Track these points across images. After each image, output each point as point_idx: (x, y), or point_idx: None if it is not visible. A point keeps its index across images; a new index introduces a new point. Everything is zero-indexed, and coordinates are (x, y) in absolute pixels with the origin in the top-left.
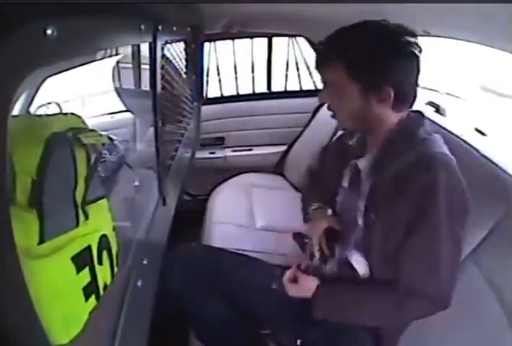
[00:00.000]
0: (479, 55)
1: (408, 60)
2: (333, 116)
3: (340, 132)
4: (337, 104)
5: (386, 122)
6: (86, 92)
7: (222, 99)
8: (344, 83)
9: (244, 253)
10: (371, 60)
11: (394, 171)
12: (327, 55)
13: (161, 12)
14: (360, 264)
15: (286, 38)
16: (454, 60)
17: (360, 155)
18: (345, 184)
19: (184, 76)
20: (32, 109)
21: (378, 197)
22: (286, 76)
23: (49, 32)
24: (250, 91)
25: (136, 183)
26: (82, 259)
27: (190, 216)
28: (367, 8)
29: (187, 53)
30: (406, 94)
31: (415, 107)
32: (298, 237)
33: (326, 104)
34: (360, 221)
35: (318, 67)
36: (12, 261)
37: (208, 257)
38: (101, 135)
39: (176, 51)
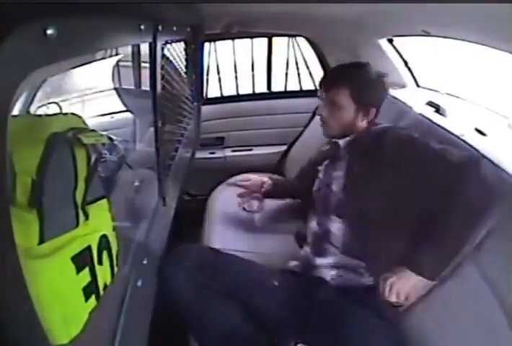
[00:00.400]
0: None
1: (383, 89)
2: (325, 129)
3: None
4: (333, 117)
5: (362, 129)
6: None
7: (222, 99)
8: (345, 103)
9: (244, 253)
10: (368, 88)
11: (367, 143)
12: (336, 80)
13: (161, 12)
14: (338, 229)
15: (286, 38)
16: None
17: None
18: (325, 163)
19: (184, 76)
20: (32, 109)
21: (356, 166)
22: (286, 76)
23: (49, 32)
24: (250, 91)
25: (136, 183)
26: (82, 259)
27: (190, 216)
28: (367, 8)
29: (187, 53)
30: (376, 116)
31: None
32: (299, 236)
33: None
34: (339, 190)
35: (326, 89)
36: (12, 261)
37: (207, 258)
38: (101, 135)
39: (176, 51)
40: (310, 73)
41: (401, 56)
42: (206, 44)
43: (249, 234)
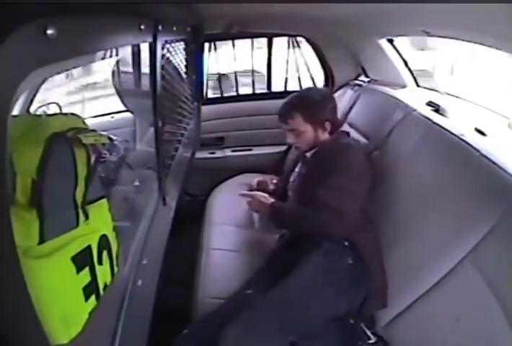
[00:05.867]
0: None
1: (332, 104)
2: (297, 147)
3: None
4: (299, 141)
5: (325, 140)
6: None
7: (222, 99)
8: (302, 128)
9: (244, 253)
10: (316, 109)
11: (321, 155)
12: (288, 112)
13: (161, 12)
14: (294, 201)
15: (286, 38)
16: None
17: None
18: (297, 169)
19: (184, 76)
20: (32, 109)
21: (308, 170)
22: (286, 75)
23: (49, 32)
24: (250, 91)
25: (136, 183)
26: (82, 259)
27: (190, 216)
28: (367, 8)
29: (187, 53)
30: (336, 124)
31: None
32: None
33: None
34: (297, 181)
35: (283, 120)
36: (12, 261)
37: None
38: (101, 135)
39: (176, 51)
40: (310, 73)
41: (401, 56)
42: (206, 44)
43: (248, 234)
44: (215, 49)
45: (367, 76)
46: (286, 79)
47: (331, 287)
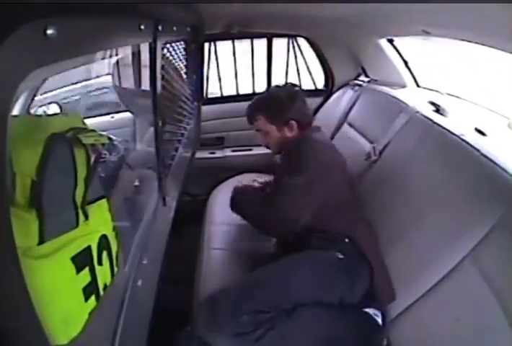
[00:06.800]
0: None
1: (298, 103)
2: (268, 147)
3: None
4: (267, 141)
5: (293, 140)
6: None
7: (222, 99)
8: (266, 127)
9: (244, 253)
10: (279, 109)
11: (285, 157)
12: (251, 113)
13: (161, 12)
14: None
15: (286, 38)
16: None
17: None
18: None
19: (184, 76)
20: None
21: (280, 166)
22: (286, 76)
23: (49, 32)
24: (250, 91)
25: (136, 183)
26: (82, 260)
27: (190, 216)
28: (367, 8)
29: (187, 53)
30: (303, 121)
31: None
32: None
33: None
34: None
35: (249, 121)
36: (12, 261)
37: None
38: (101, 135)
39: (176, 51)
40: (310, 73)
41: (401, 56)
42: (206, 44)
43: (248, 234)
44: (215, 49)
45: (367, 76)
46: (286, 79)
47: (315, 275)
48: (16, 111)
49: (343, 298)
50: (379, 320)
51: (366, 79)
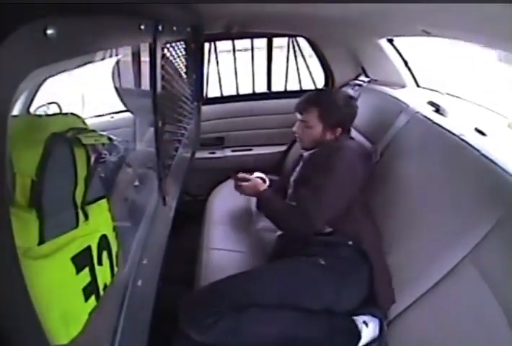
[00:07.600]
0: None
1: (351, 112)
2: (298, 138)
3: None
4: (305, 134)
5: (330, 141)
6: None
7: (222, 99)
8: (313, 123)
9: (244, 253)
10: (334, 112)
11: (317, 155)
12: (307, 104)
13: (161, 12)
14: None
15: (286, 38)
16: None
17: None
18: (297, 168)
19: (184, 76)
20: (32, 109)
21: (305, 167)
22: (286, 76)
23: (49, 32)
24: (250, 91)
25: (136, 183)
26: (82, 260)
27: (190, 216)
28: (367, 8)
29: (187, 53)
30: (346, 130)
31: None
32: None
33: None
34: (294, 179)
35: (299, 109)
36: (12, 261)
37: None
38: (101, 135)
39: (176, 51)
40: (310, 73)
41: (401, 56)
42: (206, 44)
43: (248, 234)
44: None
45: (367, 76)
46: (286, 79)
47: (296, 280)
48: (16, 111)
49: (330, 305)
50: (369, 329)
51: (366, 79)
